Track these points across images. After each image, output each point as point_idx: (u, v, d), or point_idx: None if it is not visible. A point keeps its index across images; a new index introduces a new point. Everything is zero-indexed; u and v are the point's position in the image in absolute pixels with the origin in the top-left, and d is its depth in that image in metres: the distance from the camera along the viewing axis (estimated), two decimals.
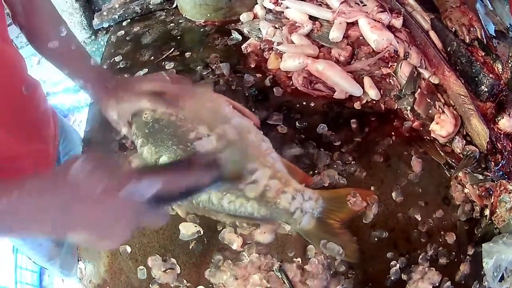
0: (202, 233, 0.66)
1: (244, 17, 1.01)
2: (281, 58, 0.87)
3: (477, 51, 0.79)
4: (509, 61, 0.75)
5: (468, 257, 0.67)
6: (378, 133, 0.77)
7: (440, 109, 0.78)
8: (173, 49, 0.96)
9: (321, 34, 0.89)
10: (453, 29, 0.83)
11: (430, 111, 0.79)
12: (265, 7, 0.99)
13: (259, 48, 0.93)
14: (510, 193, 0.69)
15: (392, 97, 0.82)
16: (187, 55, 0.95)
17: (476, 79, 0.78)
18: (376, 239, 0.66)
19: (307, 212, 0.58)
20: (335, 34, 0.86)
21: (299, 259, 0.63)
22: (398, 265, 0.64)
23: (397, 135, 0.77)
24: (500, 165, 0.72)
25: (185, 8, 1.06)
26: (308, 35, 0.90)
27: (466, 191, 0.72)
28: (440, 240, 0.67)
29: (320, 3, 0.94)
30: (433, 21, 0.88)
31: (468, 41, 0.80)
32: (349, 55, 0.85)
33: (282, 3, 0.95)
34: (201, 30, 1.03)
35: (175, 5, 1.11)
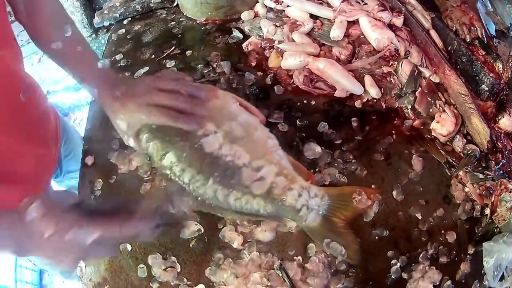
0: (202, 231, 0.66)
1: (245, 15, 1.01)
2: (282, 56, 0.87)
3: (477, 50, 0.79)
4: (510, 60, 0.75)
5: (468, 256, 0.67)
6: (378, 132, 0.77)
7: (440, 108, 0.78)
8: (174, 48, 0.96)
9: (322, 32, 0.89)
10: (454, 28, 0.83)
11: (430, 110, 0.79)
12: (266, 6, 0.99)
13: (260, 46, 0.93)
14: (510, 192, 0.68)
15: (392, 95, 0.82)
16: (188, 53, 0.95)
17: (476, 78, 0.78)
18: (376, 237, 0.66)
19: (313, 209, 0.58)
20: (336, 32, 0.86)
21: (300, 258, 0.63)
22: (398, 264, 0.64)
23: (398, 134, 0.77)
24: (500, 164, 0.72)
25: (186, 6, 1.06)
26: (309, 34, 0.90)
27: (466, 190, 0.72)
28: (440, 239, 0.67)
29: (321, 2, 0.94)
30: (434, 20, 0.88)
31: (468, 40, 0.80)
32: (350, 53, 0.86)
33: (283, 2, 0.95)
34: (202, 28, 1.02)
35: (176, 4, 1.11)
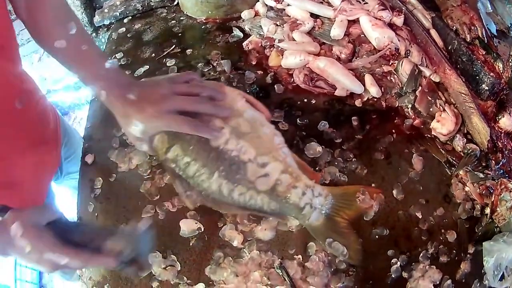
0: (202, 230, 0.66)
1: (245, 14, 1.01)
2: (282, 55, 0.87)
3: (478, 49, 0.80)
4: (510, 60, 0.75)
5: (468, 255, 0.67)
6: (379, 131, 0.77)
7: (441, 107, 0.78)
8: (174, 46, 0.96)
9: (322, 31, 0.89)
10: (454, 27, 0.83)
11: (431, 109, 0.79)
12: (267, 5, 0.99)
13: (260, 45, 0.93)
14: (510, 192, 0.69)
15: (393, 95, 0.82)
16: (188, 52, 0.95)
17: (477, 78, 0.78)
18: (377, 236, 0.66)
19: (316, 208, 0.58)
20: (336, 31, 0.86)
21: (300, 256, 0.63)
22: (398, 263, 0.64)
23: (398, 133, 0.77)
24: (500, 163, 0.72)
25: (186, 5, 1.06)
26: (309, 33, 0.90)
27: (466, 189, 0.72)
28: (440, 238, 0.67)
29: (321, 1, 0.94)
30: (434, 20, 0.88)
31: (469, 40, 0.80)
32: (350, 52, 0.85)
33: (283, 1, 0.95)
34: (202, 27, 1.02)
35: (176, 3, 1.11)
